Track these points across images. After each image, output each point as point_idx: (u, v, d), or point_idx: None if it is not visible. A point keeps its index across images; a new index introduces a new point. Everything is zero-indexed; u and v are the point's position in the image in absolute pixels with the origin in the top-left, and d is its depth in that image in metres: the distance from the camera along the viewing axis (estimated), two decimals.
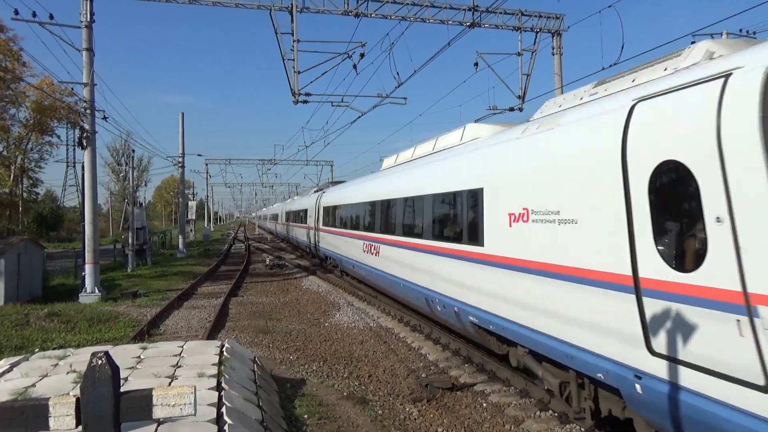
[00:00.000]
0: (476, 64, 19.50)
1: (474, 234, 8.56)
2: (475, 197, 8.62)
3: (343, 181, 25.56)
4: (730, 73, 4.42)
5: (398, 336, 12.24)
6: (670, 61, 5.87)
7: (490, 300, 7.96)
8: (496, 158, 8.30)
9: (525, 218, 7.04)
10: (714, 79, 4.56)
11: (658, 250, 4.90)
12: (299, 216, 32.55)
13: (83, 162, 18.23)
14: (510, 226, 7.39)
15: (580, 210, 5.97)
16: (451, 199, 9.87)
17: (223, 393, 6.20)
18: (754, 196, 4.03)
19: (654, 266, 4.92)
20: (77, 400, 3.18)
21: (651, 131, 5.08)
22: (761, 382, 3.89)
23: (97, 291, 17.23)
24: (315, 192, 29.25)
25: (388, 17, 18.59)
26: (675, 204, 4.89)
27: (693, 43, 6.09)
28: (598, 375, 5.69)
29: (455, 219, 9.70)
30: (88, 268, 17.35)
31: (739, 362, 4.09)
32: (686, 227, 4.78)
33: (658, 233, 4.94)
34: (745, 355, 4.02)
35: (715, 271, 4.31)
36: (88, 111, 17.31)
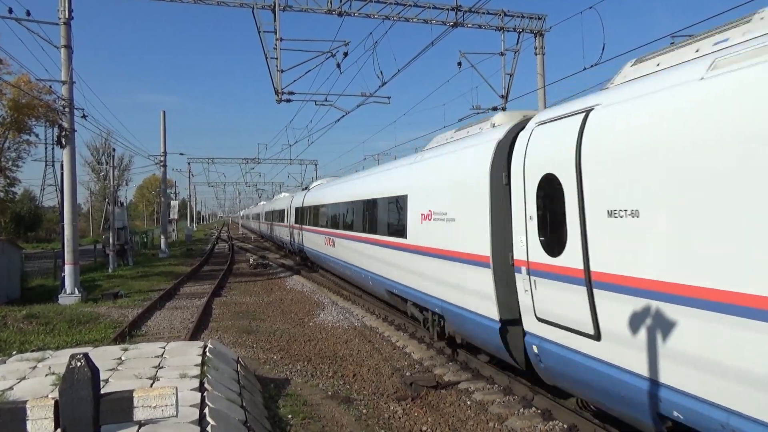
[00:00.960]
0: (459, 64, 19.57)
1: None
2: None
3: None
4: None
5: (383, 335, 12.25)
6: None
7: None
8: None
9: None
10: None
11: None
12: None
13: (62, 161, 17.94)
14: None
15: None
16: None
17: (205, 394, 6.15)
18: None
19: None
20: (56, 402, 3.13)
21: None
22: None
23: (77, 292, 16.97)
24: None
25: (371, 16, 18.57)
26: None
27: (672, 43, 6.46)
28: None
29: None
30: (68, 269, 17.08)
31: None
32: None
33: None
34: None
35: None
36: (66, 109, 17.03)
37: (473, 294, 8.04)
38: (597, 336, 5.52)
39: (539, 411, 7.30)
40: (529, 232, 6.68)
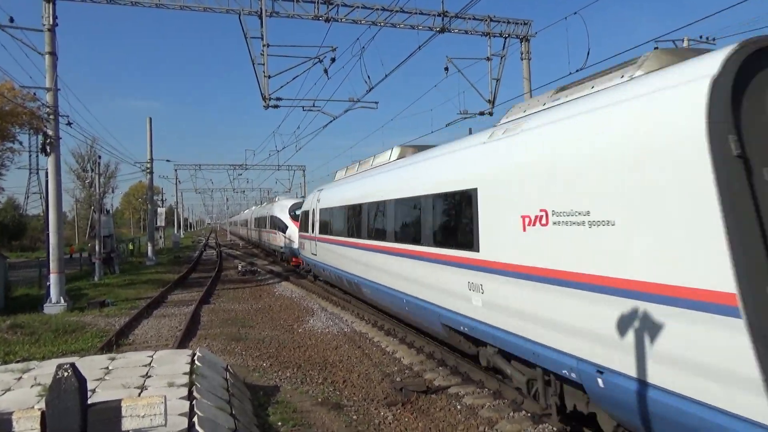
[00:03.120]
0: (446, 69, 19.67)
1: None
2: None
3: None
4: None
5: (372, 340, 12.23)
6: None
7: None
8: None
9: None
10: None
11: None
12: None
13: (47, 169, 17.74)
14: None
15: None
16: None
17: (194, 402, 6.10)
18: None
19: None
20: (42, 413, 3.09)
21: None
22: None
23: (62, 301, 16.76)
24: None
25: (358, 22, 18.63)
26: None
27: (656, 47, 6.52)
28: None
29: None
30: (53, 278, 16.87)
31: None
32: None
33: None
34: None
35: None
36: (51, 116, 16.87)
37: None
38: None
39: (529, 414, 7.33)
40: None
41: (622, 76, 5.92)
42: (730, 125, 4.07)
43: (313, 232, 19.23)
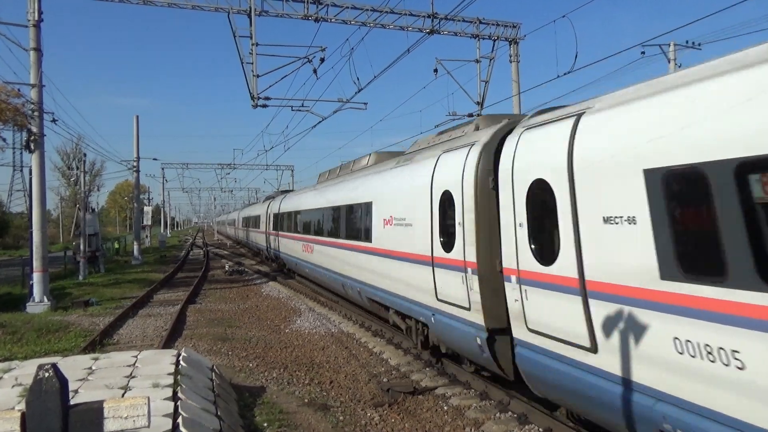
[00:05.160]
0: (436, 71, 19.72)
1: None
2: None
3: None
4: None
5: (360, 341, 12.21)
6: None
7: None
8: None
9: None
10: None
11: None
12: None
13: (31, 166, 17.51)
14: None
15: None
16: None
17: (179, 403, 6.04)
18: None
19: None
20: (22, 415, 3.04)
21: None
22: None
23: (46, 300, 16.54)
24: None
25: (348, 22, 18.61)
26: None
27: (643, 52, 6.77)
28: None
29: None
30: (36, 277, 16.64)
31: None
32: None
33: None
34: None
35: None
36: (36, 113, 16.65)
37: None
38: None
39: (515, 415, 7.35)
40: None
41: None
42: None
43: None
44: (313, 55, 18.00)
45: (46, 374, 3.03)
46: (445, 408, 7.90)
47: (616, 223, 4.91)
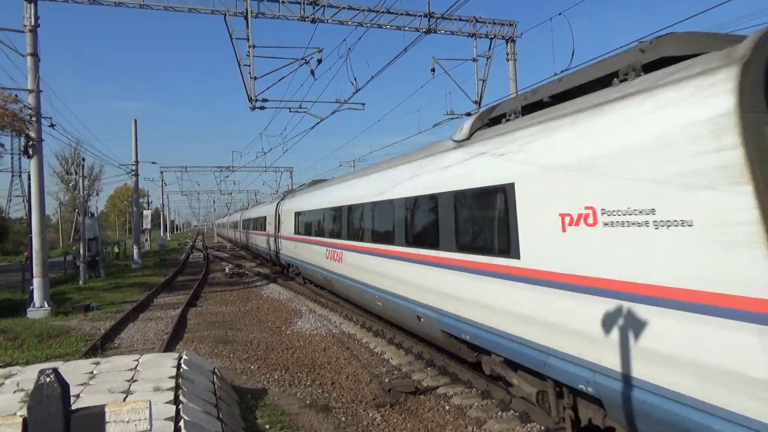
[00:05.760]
0: (433, 70, 19.71)
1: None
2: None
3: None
4: None
5: (361, 341, 12.21)
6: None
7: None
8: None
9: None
10: None
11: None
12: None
13: (29, 171, 17.50)
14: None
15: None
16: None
17: (181, 406, 6.04)
18: None
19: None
20: (24, 420, 3.05)
21: None
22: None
23: (46, 305, 16.53)
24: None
25: (344, 23, 18.61)
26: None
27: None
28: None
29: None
30: (37, 282, 16.64)
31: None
32: None
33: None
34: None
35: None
36: (33, 118, 16.64)
37: None
38: None
39: (517, 414, 7.36)
40: None
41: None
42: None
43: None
44: (311, 56, 18.01)
45: (48, 379, 3.03)
46: (447, 407, 7.90)
47: None
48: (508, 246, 6.42)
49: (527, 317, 6.07)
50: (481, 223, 7.28)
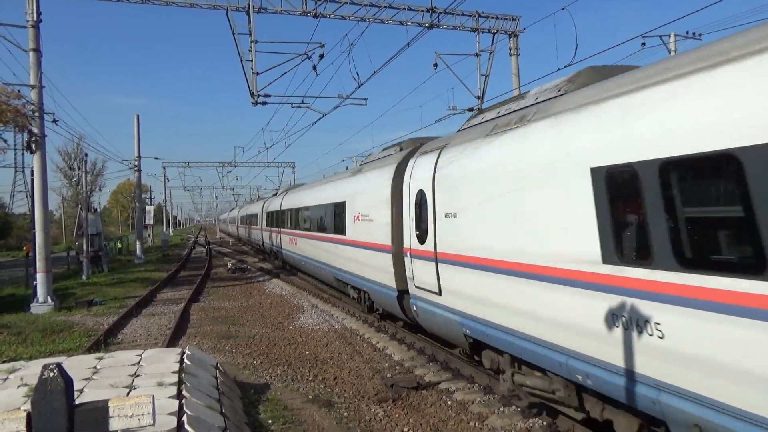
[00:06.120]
0: (435, 65, 19.65)
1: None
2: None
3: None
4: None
5: (363, 337, 12.23)
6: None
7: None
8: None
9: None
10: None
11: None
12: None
13: (32, 167, 17.53)
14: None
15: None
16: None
17: (183, 401, 6.07)
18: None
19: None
20: (28, 414, 3.06)
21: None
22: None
23: (49, 300, 16.59)
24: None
25: (346, 18, 18.55)
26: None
27: (643, 43, 6.76)
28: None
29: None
30: (40, 277, 16.69)
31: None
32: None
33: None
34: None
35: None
36: (36, 114, 16.65)
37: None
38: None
39: (519, 409, 7.37)
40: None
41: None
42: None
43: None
44: (313, 51, 17.98)
45: (51, 374, 3.04)
46: (449, 402, 7.91)
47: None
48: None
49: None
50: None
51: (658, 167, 4.53)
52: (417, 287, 9.47)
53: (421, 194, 9.22)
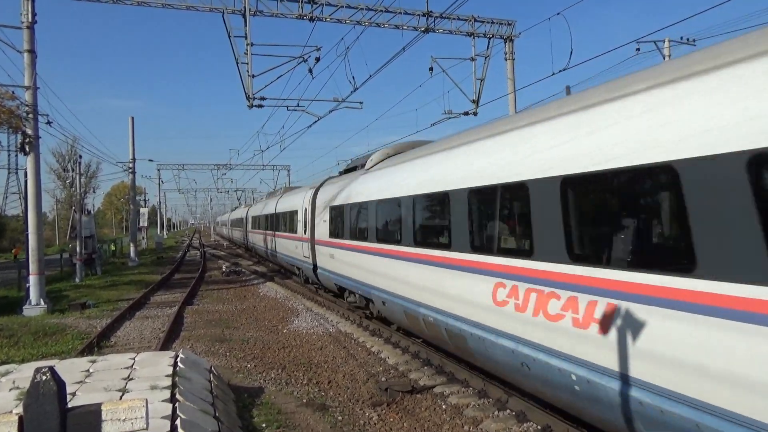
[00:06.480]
0: (431, 69, 19.72)
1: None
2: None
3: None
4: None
5: (358, 340, 12.21)
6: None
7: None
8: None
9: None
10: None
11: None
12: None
13: (26, 168, 17.45)
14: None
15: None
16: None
17: (177, 405, 6.03)
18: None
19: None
20: (20, 418, 3.03)
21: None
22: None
23: (42, 303, 16.49)
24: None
25: (343, 21, 18.59)
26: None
27: (638, 49, 6.90)
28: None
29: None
30: (33, 279, 16.59)
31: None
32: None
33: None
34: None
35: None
36: (30, 115, 16.59)
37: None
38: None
39: (514, 413, 7.37)
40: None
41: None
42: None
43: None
44: (309, 54, 17.99)
45: (44, 377, 3.02)
46: (444, 406, 7.91)
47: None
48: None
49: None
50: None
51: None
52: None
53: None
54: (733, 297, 3.82)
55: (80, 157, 29.86)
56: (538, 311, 5.93)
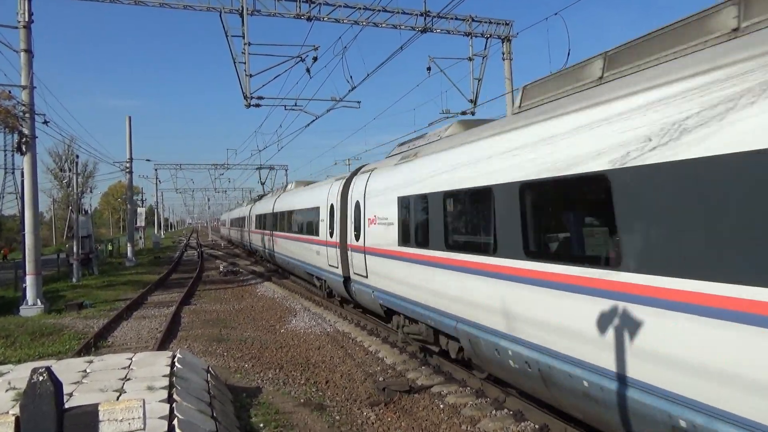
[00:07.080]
0: (429, 69, 19.70)
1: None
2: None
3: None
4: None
5: (355, 340, 12.21)
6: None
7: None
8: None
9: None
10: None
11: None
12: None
13: (23, 168, 17.40)
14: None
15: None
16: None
17: (174, 405, 6.03)
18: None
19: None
20: (17, 418, 3.03)
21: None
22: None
23: (39, 303, 16.45)
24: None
25: (340, 21, 18.57)
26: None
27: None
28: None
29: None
30: (30, 280, 16.55)
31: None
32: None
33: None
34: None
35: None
36: (27, 115, 16.53)
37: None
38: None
39: (511, 412, 7.38)
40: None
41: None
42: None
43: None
44: (306, 54, 17.98)
45: (41, 378, 3.02)
46: (441, 406, 7.91)
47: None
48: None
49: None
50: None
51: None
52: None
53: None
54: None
55: (77, 156, 29.80)
56: None
